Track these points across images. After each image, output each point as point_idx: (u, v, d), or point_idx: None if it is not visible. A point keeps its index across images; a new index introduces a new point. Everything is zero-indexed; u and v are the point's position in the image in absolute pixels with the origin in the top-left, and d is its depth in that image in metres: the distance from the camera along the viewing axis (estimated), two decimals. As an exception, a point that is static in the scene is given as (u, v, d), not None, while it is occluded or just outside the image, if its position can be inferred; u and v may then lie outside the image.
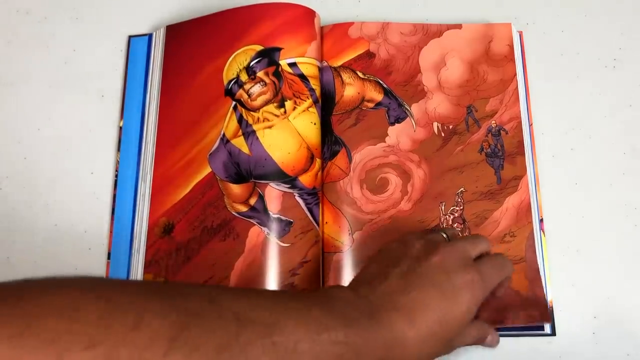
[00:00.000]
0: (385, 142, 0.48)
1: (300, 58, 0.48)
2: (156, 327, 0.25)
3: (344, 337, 0.30)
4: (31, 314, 0.24)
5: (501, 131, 0.48)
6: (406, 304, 0.33)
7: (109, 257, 0.47)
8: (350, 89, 0.49)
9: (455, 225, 0.46)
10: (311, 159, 0.46)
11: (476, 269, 0.36)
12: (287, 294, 0.34)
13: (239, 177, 0.46)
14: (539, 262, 0.45)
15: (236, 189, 0.46)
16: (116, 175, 0.49)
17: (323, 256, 0.45)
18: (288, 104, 0.46)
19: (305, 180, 0.45)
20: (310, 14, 0.49)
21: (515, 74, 0.49)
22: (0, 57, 0.53)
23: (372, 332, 0.31)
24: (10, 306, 0.24)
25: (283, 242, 0.44)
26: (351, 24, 0.51)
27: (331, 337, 0.30)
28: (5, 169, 0.50)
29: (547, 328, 0.43)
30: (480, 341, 0.39)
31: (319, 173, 0.47)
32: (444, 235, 0.39)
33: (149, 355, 0.24)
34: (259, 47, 0.48)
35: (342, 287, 0.36)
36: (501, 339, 0.44)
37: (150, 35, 0.53)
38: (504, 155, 0.47)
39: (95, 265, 0.47)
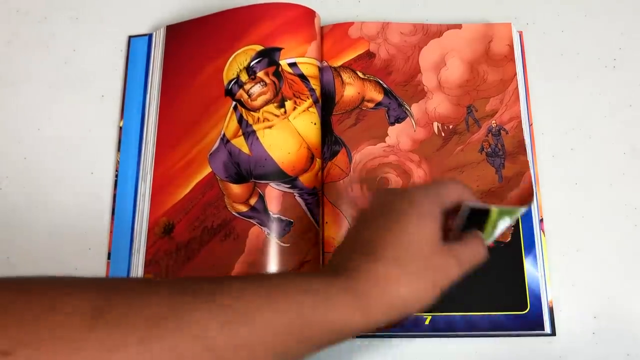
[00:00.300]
0: (385, 142, 0.48)
1: (300, 58, 0.48)
2: (74, 305, 0.25)
3: (307, 286, 0.29)
4: None
5: (501, 131, 0.48)
6: (372, 247, 0.31)
7: (109, 257, 0.47)
8: (350, 89, 0.49)
9: None
10: (311, 159, 0.46)
11: (420, 191, 0.34)
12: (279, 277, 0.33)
13: (239, 177, 0.46)
14: (539, 262, 0.45)
15: (236, 189, 0.46)
16: (116, 175, 0.49)
17: (323, 256, 0.45)
18: (288, 104, 0.46)
19: (306, 180, 0.45)
20: (310, 14, 0.49)
21: (515, 74, 0.49)
22: (0, 57, 0.53)
23: (342, 280, 0.30)
24: None
25: (283, 242, 0.44)
26: (351, 24, 0.51)
27: (297, 288, 0.29)
28: (5, 169, 0.50)
29: (547, 328, 0.43)
30: (478, 259, 0.34)
31: (319, 173, 0.47)
32: None
33: (70, 333, 0.24)
34: (259, 47, 0.48)
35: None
36: (501, 339, 0.44)
37: (150, 35, 0.53)
38: (505, 154, 0.47)
39: (95, 265, 0.47)
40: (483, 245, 0.35)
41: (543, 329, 0.43)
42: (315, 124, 0.47)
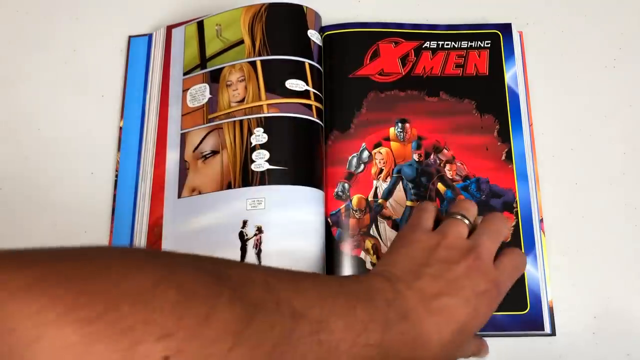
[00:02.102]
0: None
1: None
2: (224, 321, 0.24)
3: (379, 340, 0.30)
4: (109, 298, 0.22)
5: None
6: (437, 309, 0.33)
7: (109, 257, 0.47)
8: None
9: None
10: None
11: (495, 280, 0.36)
12: (334, 284, 0.33)
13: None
14: (538, 262, 0.45)
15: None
16: (116, 176, 0.49)
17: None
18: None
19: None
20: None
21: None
22: (0, 57, 0.53)
23: (404, 334, 0.32)
24: (91, 284, 0.23)
25: None
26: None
27: (369, 339, 0.30)
28: (5, 169, 0.50)
29: (547, 328, 0.43)
30: (476, 355, 0.40)
31: None
32: (466, 222, 0.38)
33: (214, 350, 0.24)
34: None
35: (379, 277, 0.35)
36: (501, 339, 0.44)
37: (150, 36, 0.53)
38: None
39: (95, 265, 0.47)
40: (483, 352, 0.40)
41: (543, 329, 0.43)
42: None
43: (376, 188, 0.47)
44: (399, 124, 0.49)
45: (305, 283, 0.31)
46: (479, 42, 0.51)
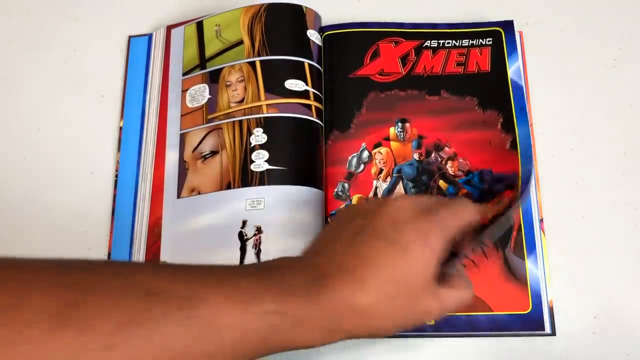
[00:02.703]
0: None
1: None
2: (38, 305, 0.24)
3: (276, 307, 0.28)
4: None
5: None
6: (354, 264, 0.30)
7: (109, 257, 0.47)
8: None
9: None
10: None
11: (429, 217, 0.32)
12: (221, 267, 0.31)
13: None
14: (539, 262, 0.45)
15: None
16: (116, 176, 0.49)
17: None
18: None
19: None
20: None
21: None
22: (0, 57, 0.53)
23: (314, 300, 0.29)
24: None
25: None
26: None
27: (262, 308, 0.28)
28: (5, 169, 0.50)
29: (547, 328, 0.43)
30: (466, 302, 0.34)
31: None
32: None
33: (32, 333, 0.23)
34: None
35: (291, 256, 0.33)
36: (501, 339, 0.44)
37: (150, 36, 0.53)
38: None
39: (95, 265, 0.47)
40: (470, 291, 0.34)
41: (544, 329, 0.43)
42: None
43: (376, 188, 0.47)
44: (399, 124, 0.49)
45: (178, 267, 0.30)
46: (480, 40, 0.51)
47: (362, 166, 0.48)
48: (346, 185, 0.47)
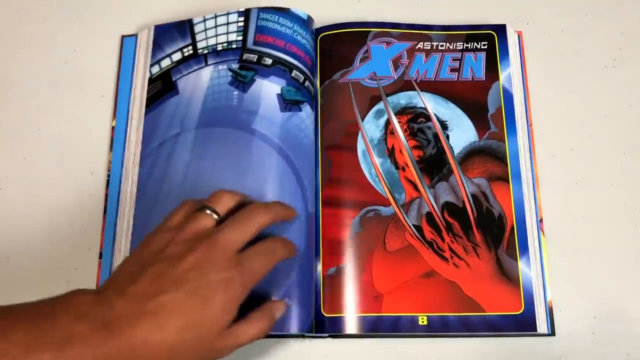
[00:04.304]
0: None
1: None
2: None
3: (57, 358, 0.28)
4: None
5: None
6: (152, 309, 0.31)
7: (100, 257, 0.47)
8: None
9: None
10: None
11: (234, 265, 0.34)
12: (18, 307, 0.31)
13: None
14: (537, 262, 0.45)
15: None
16: (108, 175, 0.49)
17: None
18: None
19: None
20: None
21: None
22: (0, 57, 0.53)
23: (99, 347, 0.30)
24: None
25: None
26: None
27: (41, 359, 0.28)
28: (5, 169, 0.50)
29: (544, 328, 0.43)
30: (262, 333, 0.36)
31: None
32: (214, 217, 0.37)
33: None
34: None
35: (86, 291, 0.33)
36: (500, 339, 0.44)
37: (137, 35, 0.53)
38: None
39: (94, 265, 0.47)
40: (267, 321, 0.36)
41: (536, 330, 0.43)
42: None
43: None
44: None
45: None
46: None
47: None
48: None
